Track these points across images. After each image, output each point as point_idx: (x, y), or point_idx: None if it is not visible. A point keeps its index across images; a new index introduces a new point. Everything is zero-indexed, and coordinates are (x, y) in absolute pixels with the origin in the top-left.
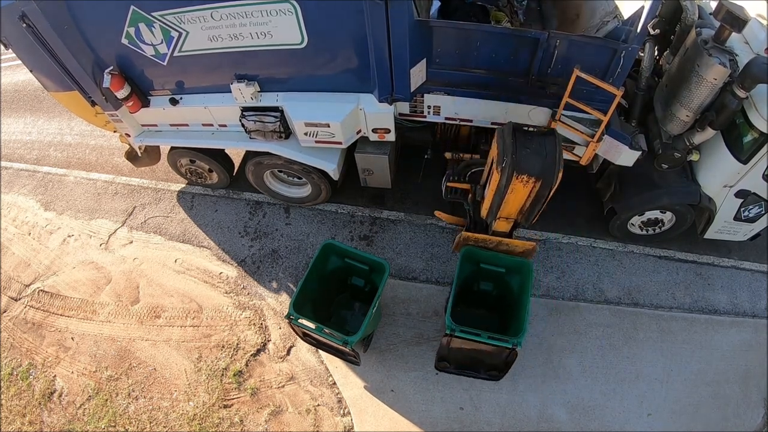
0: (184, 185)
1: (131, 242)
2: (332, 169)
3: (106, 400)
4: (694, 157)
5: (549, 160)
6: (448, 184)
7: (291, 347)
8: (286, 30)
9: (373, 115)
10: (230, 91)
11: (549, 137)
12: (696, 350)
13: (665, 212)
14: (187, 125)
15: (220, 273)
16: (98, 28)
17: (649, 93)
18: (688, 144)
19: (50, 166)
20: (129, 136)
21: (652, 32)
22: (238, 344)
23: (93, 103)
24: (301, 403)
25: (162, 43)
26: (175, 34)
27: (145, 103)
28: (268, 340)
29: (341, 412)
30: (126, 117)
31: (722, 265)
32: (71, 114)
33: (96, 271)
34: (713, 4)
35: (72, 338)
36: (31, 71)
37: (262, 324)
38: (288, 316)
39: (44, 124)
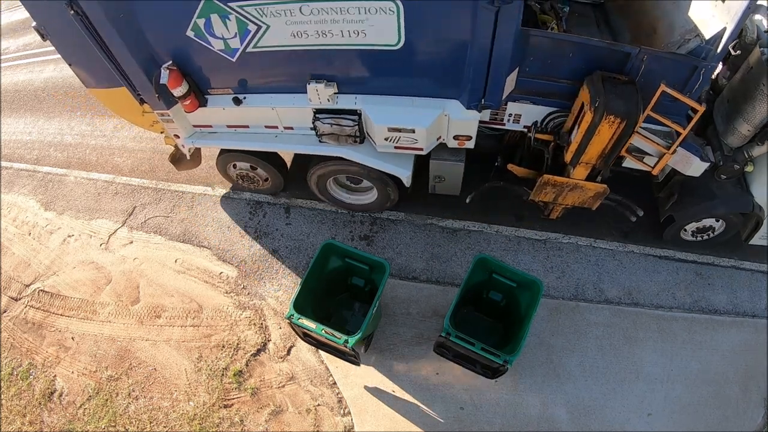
0: (184, 185)
1: (131, 242)
2: (406, 175)
3: (106, 400)
4: (749, 168)
5: (632, 103)
6: (536, 135)
7: (291, 347)
8: (383, 30)
9: (457, 121)
10: (303, 92)
11: (629, 85)
12: (696, 350)
13: (719, 220)
14: (247, 127)
15: (221, 273)
16: (161, 19)
17: (708, 106)
18: (746, 156)
19: (50, 166)
20: (178, 137)
21: (733, 53)
22: (238, 344)
23: (142, 101)
24: (301, 403)
25: (235, 37)
26: (252, 27)
27: (203, 102)
28: (269, 340)
29: (341, 411)
30: (178, 117)
31: (722, 265)
32: (72, 114)
33: (96, 271)
34: (766, 22)
35: (72, 338)
36: (69, 65)
37: (262, 324)
38: (288, 316)
39: (44, 124)
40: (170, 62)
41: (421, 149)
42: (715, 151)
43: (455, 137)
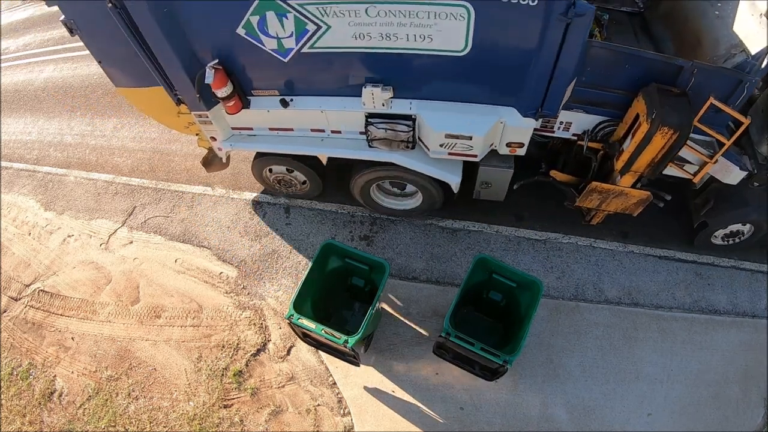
0: (184, 185)
1: (131, 242)
2: (456, 182)
3: (106, 400)
4: None
5: (685, 115)
6: (590, 144)
7: (291, 347)
8: (450, 35)
9: (512, 128)
10: (355, 95)
11: (682, 97)
12: (696, 350)
13: (752, 226)
14: (291, 130)
15: (220, 273)
16: (210, 14)
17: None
18: None
19: (50, 166)
20: (215, 140)
21: None
22: (238, 344)
23: (179, 102)
24: (301, 403)
25: (291, 36)
26: (311, 27)
27: (246, 104)
28: (268, 340)
29: (341, 412)
30: (217, 118)
31: (722, 265)
32: (72, 114)
33: (96, 271)
34: None
35: (72, 338)
36: (99, 62)
37: (262, 324)
38: (288, 316)
39: (44, 124)
40: (216, 61)
41: (476, 156)
42: (750, 159)
43: (508, 144)
